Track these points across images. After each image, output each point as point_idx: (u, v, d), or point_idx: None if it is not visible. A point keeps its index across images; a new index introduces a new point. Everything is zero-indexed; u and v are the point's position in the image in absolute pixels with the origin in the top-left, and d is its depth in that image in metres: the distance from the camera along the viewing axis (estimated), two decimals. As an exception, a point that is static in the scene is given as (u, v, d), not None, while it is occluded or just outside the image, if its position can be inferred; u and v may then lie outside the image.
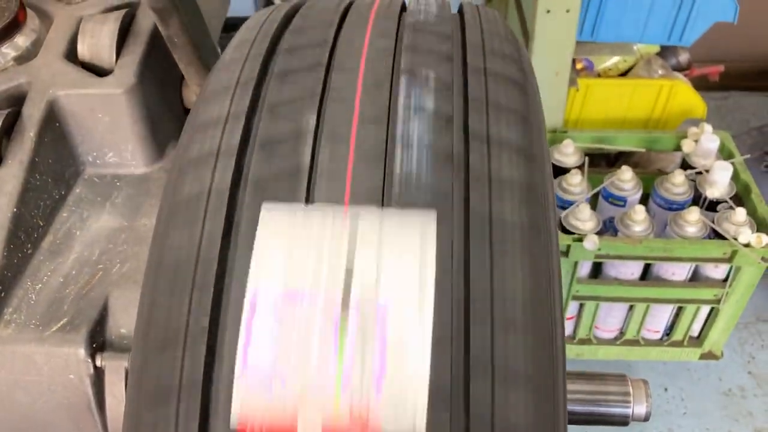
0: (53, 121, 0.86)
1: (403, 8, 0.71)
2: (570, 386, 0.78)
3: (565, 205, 1.64)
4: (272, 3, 1.93)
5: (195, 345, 0.46)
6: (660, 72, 1.94)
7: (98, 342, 0.75)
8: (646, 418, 0.81)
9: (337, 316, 0.42)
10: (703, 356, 1.84)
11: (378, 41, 0.62)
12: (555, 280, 0.51)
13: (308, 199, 0.49)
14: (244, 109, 0.56)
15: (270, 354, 0.42)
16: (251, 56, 0.61)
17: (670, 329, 1.81)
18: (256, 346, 0.42)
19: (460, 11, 0.72)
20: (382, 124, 0.54)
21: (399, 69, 0.58)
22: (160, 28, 0.81)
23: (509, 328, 0.45)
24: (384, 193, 0.49)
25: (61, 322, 0.74)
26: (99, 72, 0.89)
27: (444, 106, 0.55)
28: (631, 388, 0.82)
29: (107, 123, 0.88)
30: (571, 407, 0.78)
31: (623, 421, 0.80)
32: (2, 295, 0.76)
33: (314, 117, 0.54)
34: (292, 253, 0.44)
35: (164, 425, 0.45)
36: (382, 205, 0.49)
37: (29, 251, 0.81)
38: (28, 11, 0.93)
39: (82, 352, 0.73)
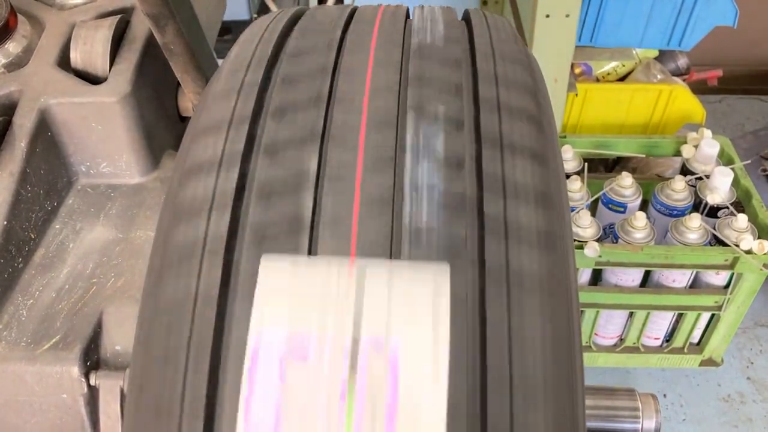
0: (45, 131, 0.84)
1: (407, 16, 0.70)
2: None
3: (564, 211, 1.62)
4: (267, 7, 1.91)
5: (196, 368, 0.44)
6: (659, 76, 1.93)
7: (92, 360, 0.73)
8: (655, 433, 0.80)
9: (345, 382, 0.40)
10: (703, 363, 1.83)
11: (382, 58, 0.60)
12: (576, 329, 0.49)
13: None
14: (249, 112, 0.55)
15: (274, 419, 0.39)
16: (254, 62, 0.59)
17: (670, 336, 1.80)
18: (258, 411, 0.40)
19: (467, 18, 0.70)
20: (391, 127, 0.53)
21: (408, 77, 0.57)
22: (155, 35, 0.79)
23: (529, 402, 0.43)
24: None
25: (54, 340, 0.72)
26: (92, 80, 0.87)
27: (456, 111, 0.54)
28: (640, 403, 0.80)
29: (101, 132, 0.86)
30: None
31: (632, 436, 0.79)
32: (-8, 311, 0.74)
33: (322, 120, 0.53)
34: (295, 314, 0.41)
35: None
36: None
37: (20, 265, 0.78)
38: (19, 17, 0.91)
39: (75, 370, 0.70)
